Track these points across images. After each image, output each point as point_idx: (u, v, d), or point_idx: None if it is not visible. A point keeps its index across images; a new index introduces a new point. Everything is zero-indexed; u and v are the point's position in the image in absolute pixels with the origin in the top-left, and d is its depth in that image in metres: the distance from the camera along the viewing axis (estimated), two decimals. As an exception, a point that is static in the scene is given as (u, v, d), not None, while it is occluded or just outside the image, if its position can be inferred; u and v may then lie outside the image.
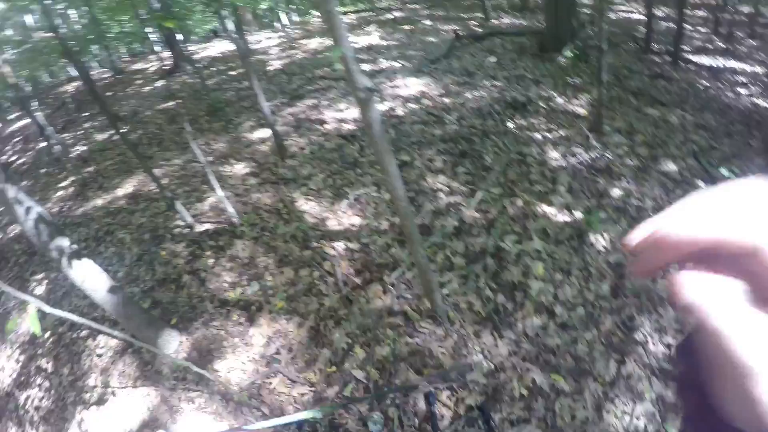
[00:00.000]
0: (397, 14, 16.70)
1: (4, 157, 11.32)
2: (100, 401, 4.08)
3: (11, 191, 3.16)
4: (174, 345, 4.22)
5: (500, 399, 3.31)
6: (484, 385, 3.39)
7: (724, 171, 5.43)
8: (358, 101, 2.41)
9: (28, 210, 3.20)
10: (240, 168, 6.72)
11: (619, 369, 3.44)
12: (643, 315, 3.81)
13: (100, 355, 4.44)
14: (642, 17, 11.67)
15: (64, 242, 3.39)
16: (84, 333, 4.71)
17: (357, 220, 5.12)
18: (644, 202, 5.01)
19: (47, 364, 4.61)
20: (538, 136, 6.33)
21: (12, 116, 14.91)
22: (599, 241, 4.51)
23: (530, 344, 3.64)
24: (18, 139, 12.58)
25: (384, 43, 12.43)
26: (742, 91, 8.73)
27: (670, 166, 5.61)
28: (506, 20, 14.15)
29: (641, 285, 4.02)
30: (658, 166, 5.63)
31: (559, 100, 7.50)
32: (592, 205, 4.95)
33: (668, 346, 3.58)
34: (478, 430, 3.20)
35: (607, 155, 5.79)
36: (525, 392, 3.32)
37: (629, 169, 5.53)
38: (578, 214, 4.82)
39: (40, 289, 5.60)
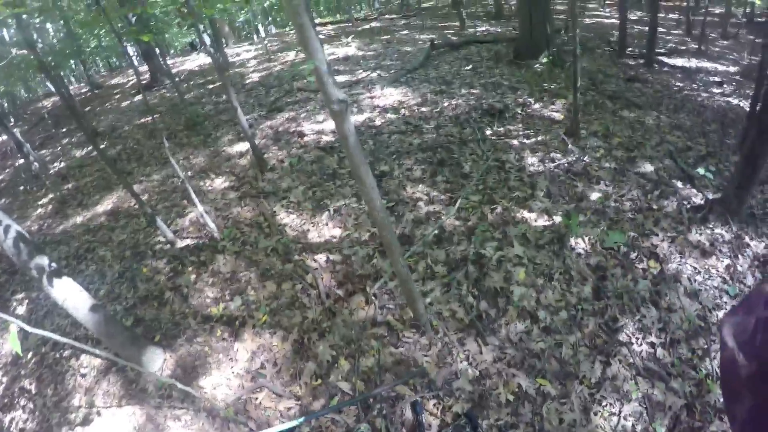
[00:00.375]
0: (375, 24, 16.83)
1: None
2: (86, 421, 4.03)
3: None
4: (158, 362, 4.19)
5: (487, 405, 3.32)
6: (471, 392, 3.40)
7: (700, 170, 5.51)
8: (332, 114, 2.43)
9: (6, 229, 3.17)
10: (220, 182, 6.71)
11: (605, 370, 3.47)
12: (626, 316, 3.86)
13: (84, 375, 4.39)
14: (616, 21, 11.87)
15: (44, 261, 3.36)
16: (67, 353, 4.66)
17: (338, 232, 5.13)
18: (622, 204, 5.09)
19: (30, 386, 4.56)
20: (515, 142, 6.40)
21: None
22: (579, 244, 4.57)
23: (515, 349, 3.66)
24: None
25: (361, 53, 12.52)
26: (716, 90, 8.93)
27: (647, 167, 5.70)
28: (482, 28, 14.33)
29: (623, 286, 4.08)
30: (635, 167, 5.71)
31: (536, 106, 7.59)
32: (571, 209, 5.00)
33: (652, 345, 3.63)
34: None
35: (585, 159, 5.87)
36: (511, 397, 3.34)
37: (607, 172, 5.60)
38: (557, 218, 4.87)
39: (21, 309, 5.54)
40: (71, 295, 3.56)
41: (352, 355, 3.80)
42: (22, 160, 9.74)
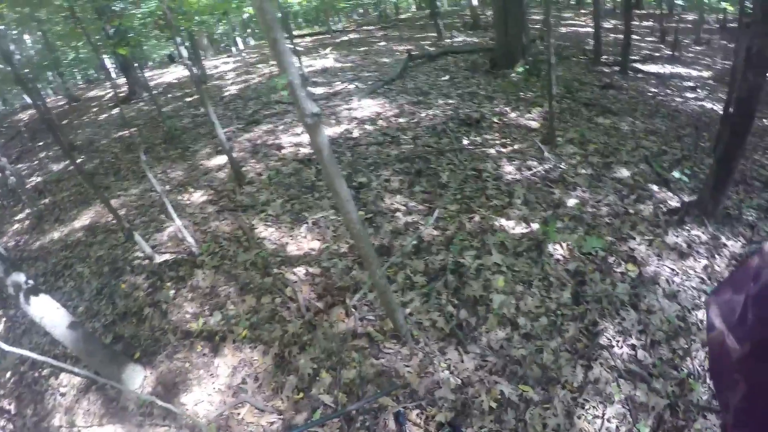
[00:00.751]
0: (353, 36, 16.90)
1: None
2: (66, 442, 4.00)
3: None
4: (138, 380, 4.15)
5: (470, 413, 3.33)
6: (453, 401, 3.42)
7: (676, 174, 5.61)
8: (306, 127, 2.45)
9: None
10: (198, 196, 6.67)
11: (587, 374, 3.51)
12: (606, 319, 3.91)
13: (63, 394, 4.35)
14: (591, 30, 12.06)
15: (21, 278, 3.33)
16: (46, 371, 4.61)
17: (317, 244, 5.13)
18: (599, 209, 5.16)
19: (9, 406, 4.49)
20: (492, 151, 6.48)
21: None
22: (557, 250, 4.63)
23: (496, 357, 3.69)
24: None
25: (339, 65, 12.57)
26: (690, 95, 9.12)
27: (623, 173, 5.80)
28: (459, 39, 14.47)
29: (602, 290, 4.14)
30: (611, 173, 5.81)
31: (512, 114, 7.69)
32: (548, 216, 5.07)
33: (633, 347, 3.68)
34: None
35: (561, 166, 5.96)
36: (494, 405, 3.35)
37: (583, 178, 5.69)
38: (535, 226, 4.93)
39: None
40: (49, 313, 3.53)
41: (334, 368, 3.80)
42: (-1, 174, 9.61)
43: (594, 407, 3.31)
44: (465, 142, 6.81)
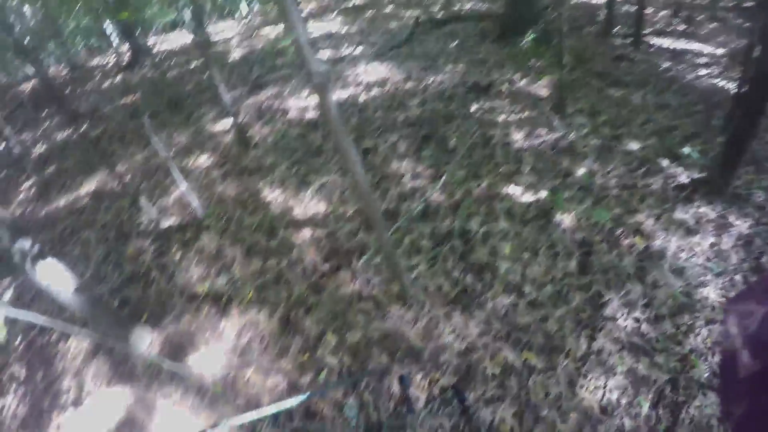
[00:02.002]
0: (359, 1, 16.56)
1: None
2: (76, 403, 4.05)
3: None
4: (146, 342, 4.19)
5: (474, 379, 3.34)
6: (457, 366, 3.42)
7: (686, 150, 5.51)
8: (314, 87, 2.40)
9: None
10: (203, 160, 6.65)
11: (590, 345, 3.48)
12: (611, 291, 3.86)
13: (72, 358, 4.39)
14: (603, 0, 11.77)
15: (26, 243, 3.32)
16: (55, 336, 4.65)
17: (323, 208, 5.11)
18: (608, 180, 5.09)
19: (20, 371, 4.54)
20: (501, 118, 6.38)
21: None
22: (565, 219, 4.57)
23: (500, 323, 3.68)
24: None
25: (346, 29, 12.35)
26: (703, 72, 8.90)
27: (633, 146, 5.69)
28: (468, 5, 14.16)
29: (609, 262, 4.10)
30: (621, 145, 5.70)
31: (522, 82, 7.55)
32: (556, 185, 5.00)
33: (637, 320, 3.64)
34: (453, 410, 3.26)
35: (571, 136, 5.86)
36: (498, 371, 3.35)
37: (592, 149, 5.60)
38: (543, 194, 4.87)
39: (7, 295, 5.49)
40: (56, 278, 3.53)
41: (339, 330, 3.81)
42: (2, 145, 9.57)
43: (596, 378, 3.29)
44: (473, 108, 6.71)
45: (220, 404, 3.61)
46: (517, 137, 5.92)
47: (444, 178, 5.10)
